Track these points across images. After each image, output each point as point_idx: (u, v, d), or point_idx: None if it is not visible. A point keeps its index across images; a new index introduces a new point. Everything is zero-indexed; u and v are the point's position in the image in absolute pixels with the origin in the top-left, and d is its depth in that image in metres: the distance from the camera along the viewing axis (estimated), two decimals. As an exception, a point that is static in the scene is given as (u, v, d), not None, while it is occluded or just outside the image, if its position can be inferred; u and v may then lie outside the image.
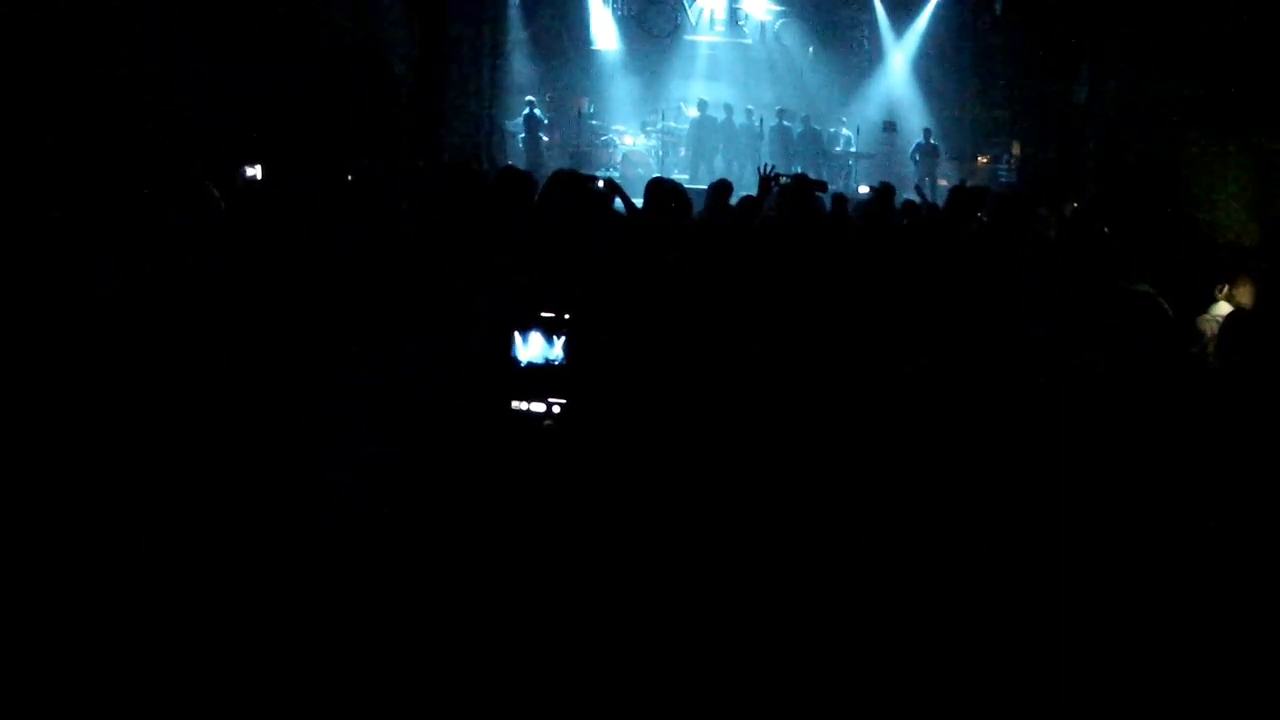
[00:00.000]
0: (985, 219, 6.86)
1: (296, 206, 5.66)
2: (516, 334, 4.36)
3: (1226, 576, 3.62)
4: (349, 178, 6.89)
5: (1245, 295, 4.87)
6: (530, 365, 4.38)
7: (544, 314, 4.40)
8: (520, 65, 17.79)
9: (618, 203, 6.04)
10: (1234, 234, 8.96)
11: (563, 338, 4.38)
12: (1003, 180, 15.54)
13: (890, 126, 17.72)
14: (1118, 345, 4.41)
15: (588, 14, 18.23)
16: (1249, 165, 9.97)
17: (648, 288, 4.92)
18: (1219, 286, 5.04)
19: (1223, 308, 4.88)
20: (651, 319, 4.81)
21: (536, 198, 5.61)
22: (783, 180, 6.55)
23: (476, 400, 4.39)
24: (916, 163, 16.77)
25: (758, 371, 4.87)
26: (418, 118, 14.39)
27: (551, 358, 4.39)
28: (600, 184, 6.21)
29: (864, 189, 14.97)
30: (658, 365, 4.67)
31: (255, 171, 7.82)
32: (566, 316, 4.41)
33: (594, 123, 17.41)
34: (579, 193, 5.45)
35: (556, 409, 4.36)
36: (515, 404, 4.34)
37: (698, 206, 6.43)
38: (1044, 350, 4.64)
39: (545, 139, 16.69)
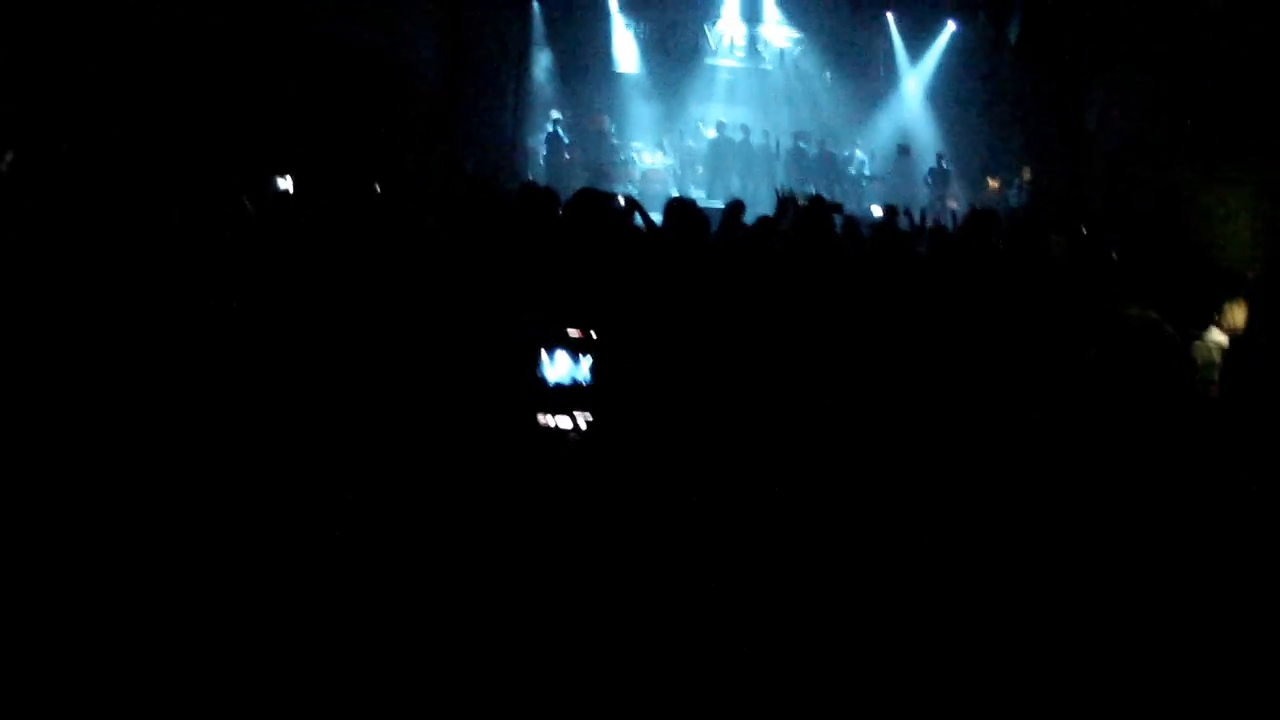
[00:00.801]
0: (1001, 244, 7.05)
1: (325, 220, 5.67)
2: (544, 353, 4.42)
3: (1225, 592, 3.63)
4: (376, 189, 6.97)
5: (1239, 319, 4.88)
6: (558, 385, 4.42)
7: (570, 332, 4.45)
8: (543, 84, 18.15)
9: (637, 219, 6.14)
10: (1239, 262, 9.06)
11: (588, 358, 4.42)
12: (1012, 204, 15.83)
13: (904, 150, 18.06)
14: (1123, 370, 4.34)
15: (610, 36, 18.59)
16: (1252, 195, 10.14)
17: (668, 306, 4.91)
18: (1215, 312, 5.03)
19: (1216, 334, 4.92)
20: (672, 337, 4.82)
21: (560, 213, 5.69)
22: (800, 202, 6.81)
23: (505, 415, 4.41)
24: (929, 186, 17.13)
25: (773, 387, 4.87)
26: (442, 134, 14.71)
27: (578, 378, 4.44)
28: (621, 201, 6.45)
29: (876, 210, 15.31)
30: (678, 382, 4.68)
31: (286, 184, 7.94)
32: (592, 334, 4.46)
33: (614, 141, 17.77)
34: (602, 210, 5.56)
35: (583, 424, 4.41)
36: (542, 419, 4.40)
37: (714, 224, 6.47)
38: (1048, 373, 4.64)
39: (567, 156, 17.03)
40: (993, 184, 17.23)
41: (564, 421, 4.40)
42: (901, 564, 4.10)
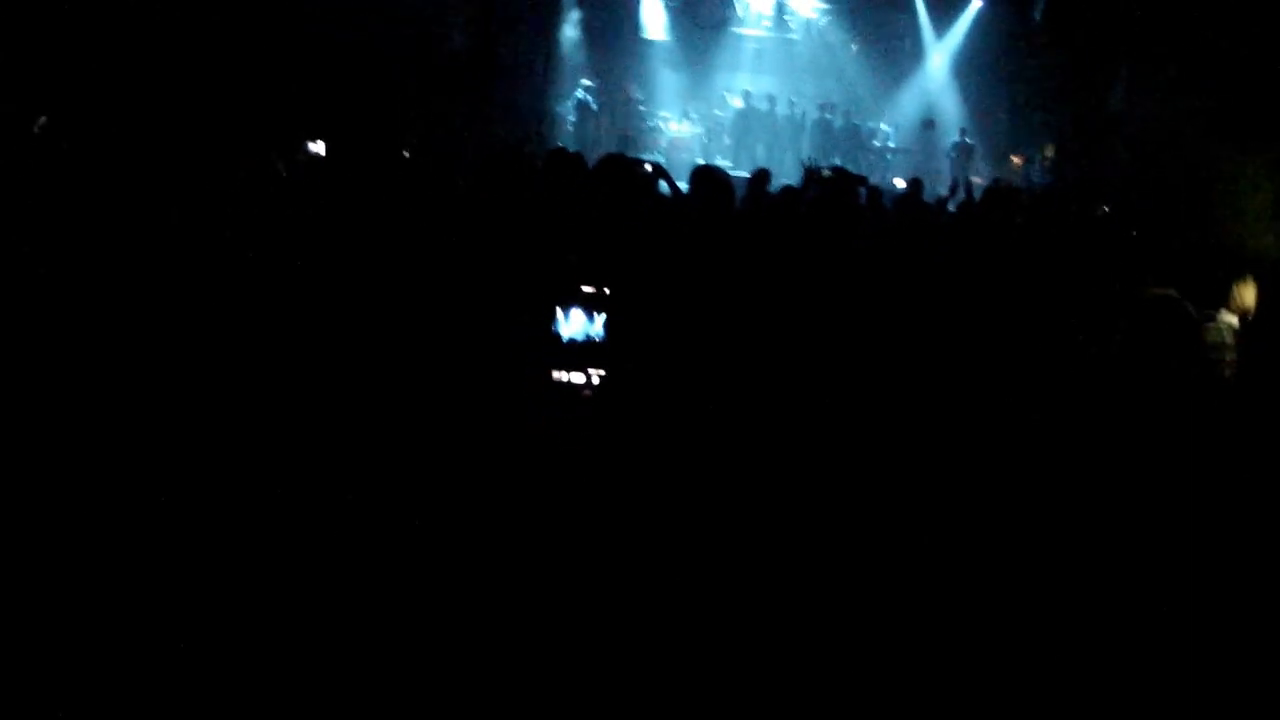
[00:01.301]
0: (1021, 220, 7.19)
1: (356, 183, 5.64)
2: (559, 309, 4.42)
3: (1232, 579, 3.65)
4: (405, 155, 7.00)
5: (1249, 300, 4.93)
6: (571, 341, 4.42)
7: (585, 289, 4.44)
8: (571, 52, 18.27)
9: (663, 186, 6.13)
10: (1259, 247, 9.12)
11: (603, 315, 4.42)
12: (1035, 181, 15.96)
13: (929, 124, 18.19)
14: (1141, 347, 4.41)
15: (639, 3, 18.68)
16: (1274, 180, 10.28)
17: (689, 268, 4.86)
18: (1227, 294, 4.98)
19: (1226, 315, 4.93)
20: (691, 298, 4.75)
21: (586, 177, 5.67)
22: (824, 173, 6.94)
23: (519, 370, 4.42)
24: (952, 160, 17.25)
25: (791, 355, 4.84)
26: (474, 100, 14.90)
27: (592, 334, 4.43)
28: (648, 168, 6.61)
29: (899, 182, 15.46)
30: (694, 344, 4.63)
31: (318, 147, 8.00)
32: (607, 291, 4.45)
33: (642, 109, 17.94)
34: (628, 175, 5.48)
35: (596, 380, 4.40)
36: (556, 375, 4.40)
37: (739, 192, 6.45)
38: (1069, 349, 4.72)
39: (595, 124, 17.19)
40: (1016, 161, 17.34)
41: (578, 377, 4.40)
42: (916, 527, 4.14)
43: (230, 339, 4.41)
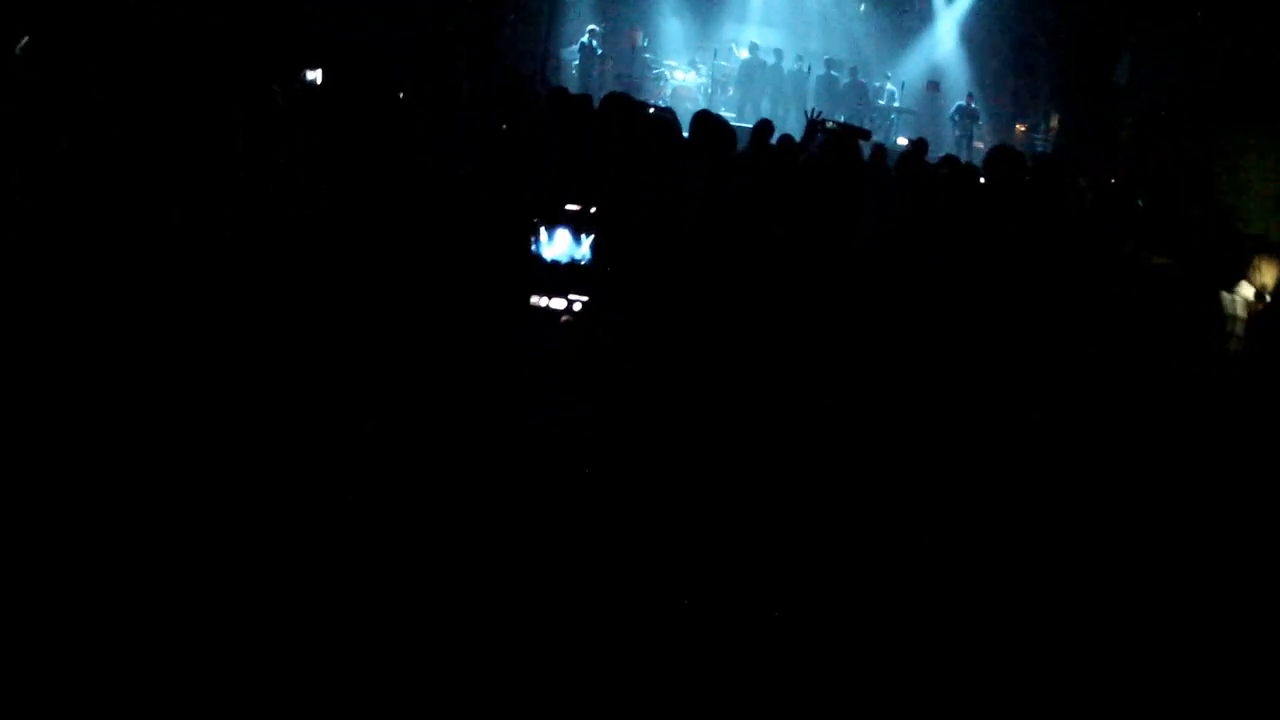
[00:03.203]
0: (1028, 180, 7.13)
1: (351, 112, 5.62)
2: (542, 229, 4.23)
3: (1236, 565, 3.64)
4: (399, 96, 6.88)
5: (1270, 277, 4.89)
6: (554, 263, 4.25)
7: (570, 207, 4.27)
8: (577, -4, 18.11)
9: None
10: (1261, 224, 9.18)
11: (590, 236, 4.25)
12: (1039, 149, 15.92)
13: (934, 86, 18.11)
14: (1139, 313, 4.53)
15: (649, -50, 18.43)
16: (1277, 159, 10.31)
17: (685, 201, 4.77)
18: (1243, 269, 4.93)
19: (1246, 288, 4.90)
20: (685, 236, 4.67)
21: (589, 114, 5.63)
22: (828, 125, 6.91)
23: (495, 294, 4.28)
24: (955, 123, 17.20)
25: (782, 301, 4.83)
26: (475, 41, 14.73)
27: (577, 257, 4.26)
28: (652, 110, 6.51)
29: (902, 141, 15.43)
30: (684, 277, 4.56)
31: (315, 76, 8.02)
32: (593, 210, 4.28)
33: (647, 55, 17.78)
34: (631, 112, 5.53)
35: (578, 306, 4.25)
36: (535, 300, 4.23)
37: (741, 144, 6.47)
38: (1070, 316, 4.71)
39: (599, 69, 17.03)
40: (1020, 129, 17.29)
41: (558, 303, 4.23)
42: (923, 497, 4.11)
43: (222, 271, 4.38)
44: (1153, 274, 4.77)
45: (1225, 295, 4.81)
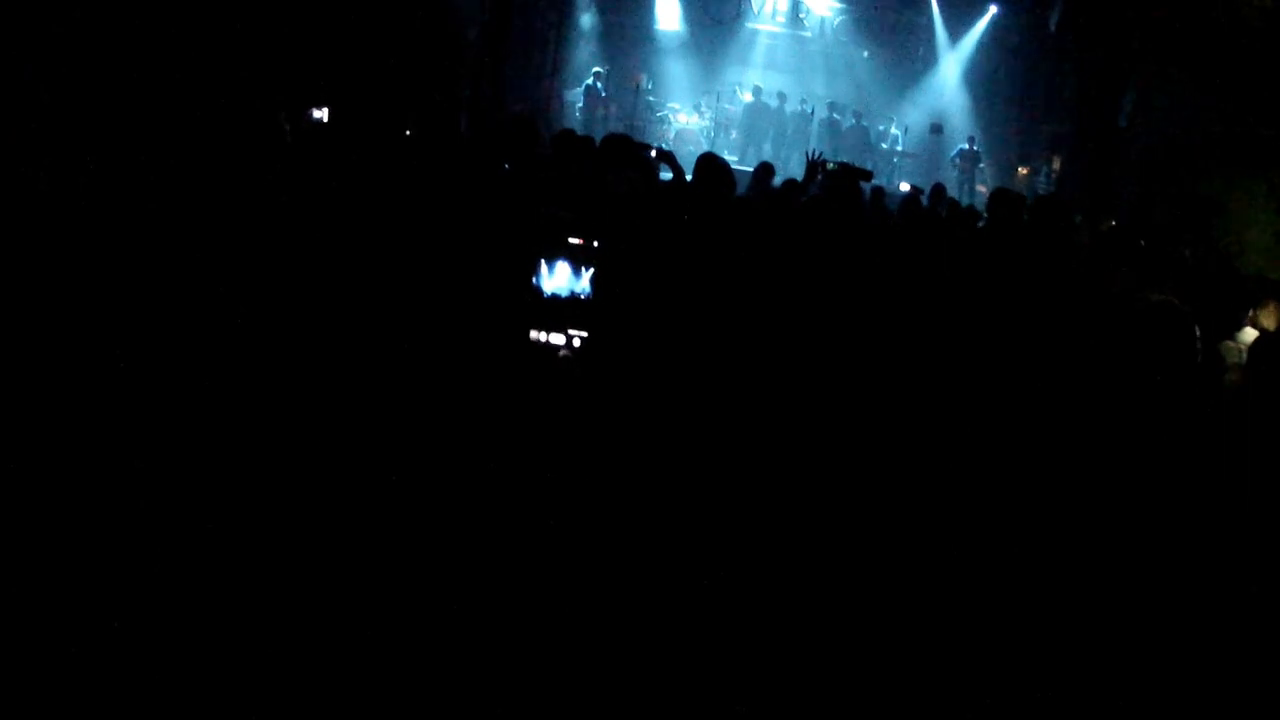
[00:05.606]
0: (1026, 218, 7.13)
1: (357, 150, 5.59)
2: (542, 262, 4.18)
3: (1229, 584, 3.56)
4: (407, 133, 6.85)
5: (1271, 321, 4.94)
6: (554, 297, 4.19)
7: (571, 240, 4.20)
8: (583, 37, 18.23)
9: (667, 172, 6.07)
10: (1261, 266, 9.16)
11: (590, 270, 4.18)
12: (1040, 192, 15.95)
13: (937, 129, 18.17)
14: (1137, 350, 4.27)
15: (654, -7, 18.64)
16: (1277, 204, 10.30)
17: (686, 241, 4.75)
18: (1246, 312, 5.01)
19: (1249, 333, 4.89)
20: (685, 275, 4.61)
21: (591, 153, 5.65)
22: (829, 166, 6.94)
23: (493, 329, 4.21)
24: (957, 166, 17.26)
25: (782, 342, 4.73)
26: (481, 81, 14.85)
27: (577, 290, 4.20)
28: (653, 153, 6.55)
29: (904, 186, 15.43)
30: (685, 315, 4.48)
31: (322, 114, 7.98)
32: (595, 244, 4.20)
33: (650, 99, 17.91)
34: (632, 153, 5.48)
35: (577, 342, 4.18)
36: (534, 334, 4.17)
37: (742, 189, 6.56)
38: (1065, 353, 4.61)
39: (603, 111, 17.15)
40: (1022, 171, 17.33)
41: (557, 338, 4.18)
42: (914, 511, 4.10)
43: (226, 291, 4.36)
44: (1149, 309, 4.72)
45: (1227, 344, 4.76)
